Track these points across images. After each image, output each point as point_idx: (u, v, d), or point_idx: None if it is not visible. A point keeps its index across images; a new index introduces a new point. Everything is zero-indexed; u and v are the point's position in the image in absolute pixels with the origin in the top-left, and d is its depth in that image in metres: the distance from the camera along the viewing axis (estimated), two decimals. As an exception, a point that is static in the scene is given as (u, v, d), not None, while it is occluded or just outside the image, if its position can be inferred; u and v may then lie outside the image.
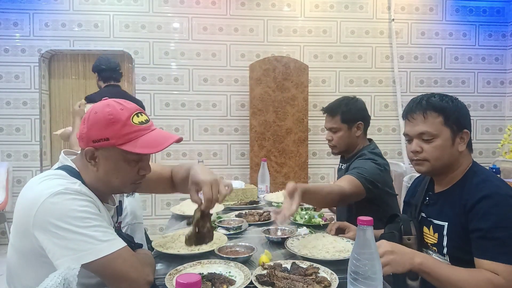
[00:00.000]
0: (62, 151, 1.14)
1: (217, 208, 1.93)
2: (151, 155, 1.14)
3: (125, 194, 1.36)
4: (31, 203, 0.97)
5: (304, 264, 1.15)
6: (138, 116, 1.06)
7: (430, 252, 1.25)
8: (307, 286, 1.02)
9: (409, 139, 1.26)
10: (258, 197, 2.31)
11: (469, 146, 1.23)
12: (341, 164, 2.06)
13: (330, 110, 1.89)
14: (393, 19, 4.25)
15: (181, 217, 1.84)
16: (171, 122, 4.05)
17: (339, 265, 1.14)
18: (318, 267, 1.12)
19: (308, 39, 4.22)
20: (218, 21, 4.12)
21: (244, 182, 2.43)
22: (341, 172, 2.01)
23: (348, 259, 0.88)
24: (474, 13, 4.38)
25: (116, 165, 1.06)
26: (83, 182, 1.06)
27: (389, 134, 4.24)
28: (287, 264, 1.16)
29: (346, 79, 4.28)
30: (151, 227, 3.94)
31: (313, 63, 4.19)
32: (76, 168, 1.09)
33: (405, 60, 4.32)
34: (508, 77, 4.43)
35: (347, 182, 1.60)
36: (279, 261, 1.18)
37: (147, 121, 1.08)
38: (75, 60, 4.20)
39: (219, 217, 1.72)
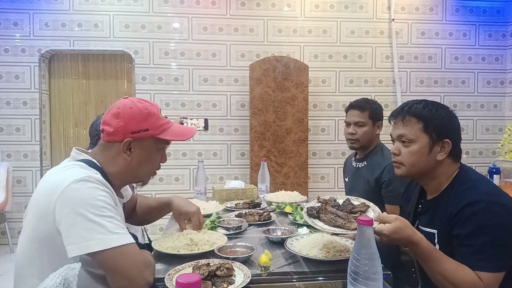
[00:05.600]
0: (74, 148, 1.18)
1: (216, 208, 1.93)
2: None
3: None
4: (54, 187, 1.01)
5: (358, 201, 1.23)
6: (161, 112, 1.20)
7: None
8: (345, 223, 1.09)
9: (392, 140, 1.31)
10: (258, 197, 2.31)
11: (454, 155, 1.23)
12: (356, 163, 2.11)
13: (360, 106, 2.03)
14: (393, 19, 4.25)
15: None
16: (171, 122, 4.05)
17: (339, 265, 1.14)
18: (368, 205, 1.19)
19: (308, 39, 4.22)
20: (218, 21, 4.12)
21: (244, 182, 2.43)
22: (358, 172, 2.07)
23: (348, 259, 0.88)
24: (474, 13, 4.38)
25: (149, 153, 1.17)
26: (102, 174, 1.11)
27: (388, 134, 4.24)
28: (341, 200, 1.25)
29: (346, 79, 4.28)
30: (151, 227, 3.93)
31: (313, 63, 4.19)
32: (95, 161, 1.13)
33: (405, 60, 4.32)
34: (508, 77, 4.43)
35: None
36: (334, 196, 1.29)
37: (166, 116, 1.22)
38: (75, 60, 4.20)
39: (219, 217, 1.71)
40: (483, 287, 1.04)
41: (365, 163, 2.03)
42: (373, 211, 1.16)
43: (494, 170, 3.44)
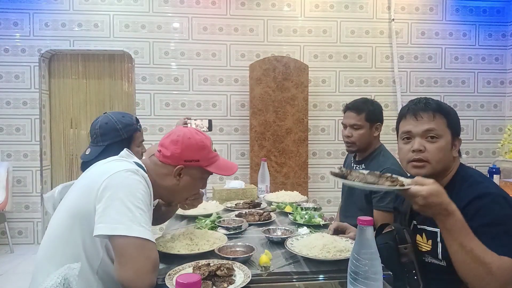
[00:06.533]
0: (125, 149, 1.28)
1: (216, 208, 1.93)
2: None
3: None
4: (108, 170, 1.10)
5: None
6: (212, 145, 1.30)
7: (425, 259, 1.23)
8: (378, 181, 1.04)
9: (409, 137, 1.23)
10: (258, 197, 2.31)
11: (460, 152, 1.25)
12: (355, 165, 2.05)
13: (357, 108, 1.94)
14: (393, 19, 4.25)
15: (181, 217, 1.84)
16: (171, 122, 4.05)
17: (339, 265, 1.14)
18: (396, 177, 1.09)
19: (308, 39, 4.22)
20: (218, 21, 4.12)
21: (244, 182, 2.43)
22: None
23: (348, 259, 0.88)
24: (474, 13, 4.38)
25: (195, 181, 1.27)
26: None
27: (389, 134, 4.23)
28: (364, 172, 1.17)
29: (346, 79, 4.28)
30: (152, 227, 3.93)
31: (313, 63, 4.19)
32: (143, 165, 1.21)
33: (405, 60, 4.32)
34: (508, 77, 4.43)
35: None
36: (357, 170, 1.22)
37: (215, 150, 1.32)
38: (75, 60, 4.20)
39: (219, 217, 1.72)
40: (510, 269, 1.00)
41: (363, 167, 1.97)
42: (404, 179, 1.08)
43: (494, 170, 3.44)
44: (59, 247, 1.09)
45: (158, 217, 1.53)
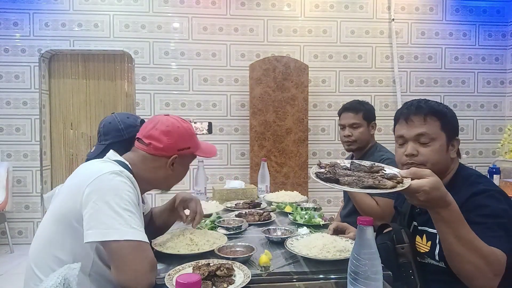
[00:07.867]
0: (111, 150, 1.28)
1: (216, 208, 1.93)
2: None
3: None
4: (92, 173, 1.08)
5: (366, 164, 1.08)
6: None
7: (423, 260, 1.22)
8: (379, 182, 0.91)
9: (403, 142, 1.24)
10: (258, 197, 2.31)
11: (458, 152, 1.25)
12: None
13: (354, 108, 2.06)
14: (393, 19, 4.25)
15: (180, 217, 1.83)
16: (171, 122, 4.04)
17: (339, 265, 1.14)
18: (382, 166, 1.02)
19: (308, 39, 4.22)
20: (218, 21, 4.12)
21: (244, 182, 2.43)
22: None
23: (348, 259, 0.88)
24: (474, 13, 4.38)
25: (185, 168, 1.32)
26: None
27: (389, 134, 4.24)
28: (346, 164, 1.09)
29: (346, 79, 4.28)
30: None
31: (313, 63, 4.19)
32: (127, 163, 1.20)
33: (405, 60, 4.32)
34: (508, 77, 4.43)
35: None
36: (335, 160, 1.12)
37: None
38: (75, 60, 4.20)
39: (219, 217, 1.72)
40: (504, 264, 0.98)
41: None
42: (391, 169, 1.04)
43: (494, 170, 3.44)
44: (47, 251, 1.08)
45: (161, 225, 1.52)
